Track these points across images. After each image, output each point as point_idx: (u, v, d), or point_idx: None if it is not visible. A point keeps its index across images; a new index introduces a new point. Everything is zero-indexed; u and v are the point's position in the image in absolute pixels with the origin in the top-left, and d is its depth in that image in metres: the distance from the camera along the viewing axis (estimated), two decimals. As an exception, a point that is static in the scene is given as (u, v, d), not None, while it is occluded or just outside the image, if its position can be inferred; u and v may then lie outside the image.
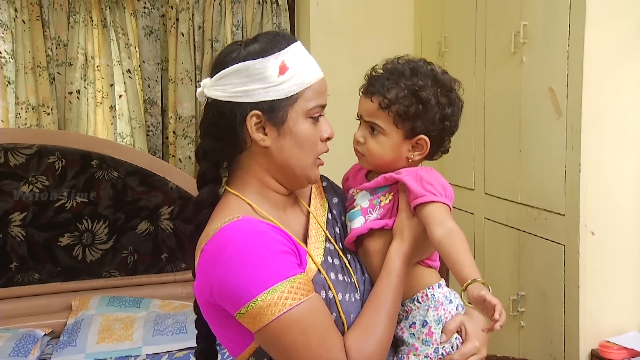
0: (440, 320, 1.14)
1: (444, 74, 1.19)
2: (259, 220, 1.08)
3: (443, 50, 2.92)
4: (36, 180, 2.82)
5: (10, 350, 2.42)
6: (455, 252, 1.05)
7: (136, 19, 3.24)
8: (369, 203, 1.18)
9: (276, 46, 1.10)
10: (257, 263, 1.01)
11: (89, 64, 3.15)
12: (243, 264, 1.01)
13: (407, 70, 1.16)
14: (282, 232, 1.08)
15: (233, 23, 3.26)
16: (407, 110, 1.14)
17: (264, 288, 0.99)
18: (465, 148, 2.75)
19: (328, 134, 1.14)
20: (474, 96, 2.66)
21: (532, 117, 2.27)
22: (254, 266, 1.01)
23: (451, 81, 1.19)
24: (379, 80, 1.17)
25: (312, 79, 1.11)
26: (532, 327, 2.31)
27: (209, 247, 1.05)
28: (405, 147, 1.17)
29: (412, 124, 1.15)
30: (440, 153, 1.23)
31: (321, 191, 1.28)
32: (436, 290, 1.17)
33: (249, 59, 1.09)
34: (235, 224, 1.05)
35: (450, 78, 1.19)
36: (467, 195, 2.76)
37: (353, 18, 3.20)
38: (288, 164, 1.12)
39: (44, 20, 3.04)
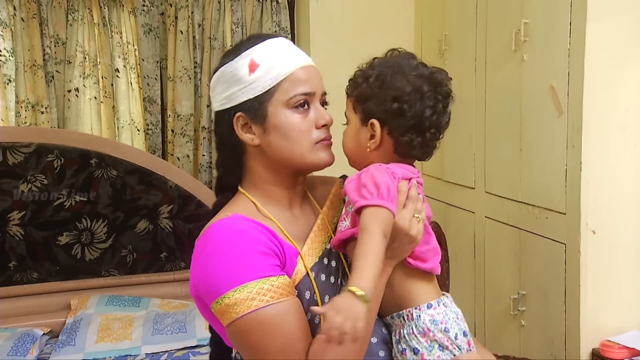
0: (432, 347, 1.03)
1: (422, 66, 1.11)
2: (248, 219, 1.09)
3: (443, 49, 2.91)
4: (35, 179, 2.81)
5: (9, 349, 2.41)
6: (355, 255, 0.98)
7: (135, 17, 3.23)
8: (344, 210, 1.14)
9: (244, 47, 1.14)
10: (231, 260, 1.03)
11: (88, 62, 3.14)
12: (218, 260, 1.04)
13: (377, 59, 1.14)
14: (270, 232, 1.09)
15: (233, 21, 3.25)
16: (360, 92, 1.11)
17: (233, 285, 1.01)
18: (466, 146, 2.74)
19: (324, 121, 1.13)
20: (474, 94, 2.65)
21: (533, 115, 2.26)
22: (228, 263, 1.03)
23: (420, 69, 1.10)
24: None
25: (287, 69, 1.11)
26: (532, 326, 2.30)
27: (198, 242, 1.09)
28: (363, 134, 1.12)
29: (363, 105, 1.11)
30: (414, 149, 1.10)
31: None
32: (423, 311, 1.05)
33: (222, 65, 1.14)
34: (221, 222, 1.08)
35: (417, 65, 1.11)
36: (468, 194, 2.75)
37: (353, 16, 3.19)
38: (282, 157, 1.13)
39: (42, 18, 3.02)
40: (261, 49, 1.12)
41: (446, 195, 2.97)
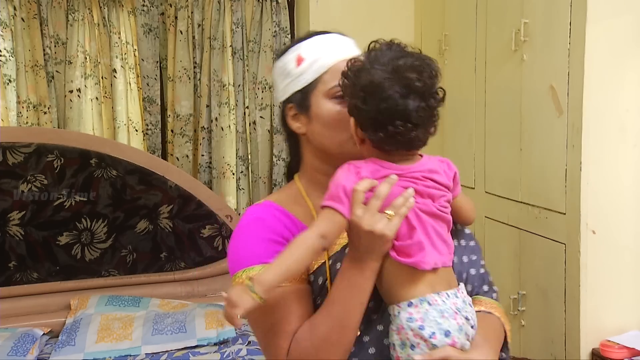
0: (404, 344, 1.02)
1: (396, 55, 1.05)
2: (276, 207, 1.18)
3: (443, 48, 2.91)
4: (35, 179, 2.81)
5: (9, 349, 2.41)
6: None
7: (135, 17, 3.23)
8: None
9: (294, 42, 1.22)
10: (243, 244, 1.14)
11: (89, 62, 3.14)
12: (235, 242, 1.16)
13: (362, 54, 1.13)
14: (293, 221, 1.16)
15: (232, 21, 3.25)
16: (342, 89, 1.11)
17: (242, 266, 1.11)
18: (466, 146, 2.74)
19: None
20: (474, 94, 2.65)
21: (533, 115, 2.26)
22: (240, 246, 1.14)
23: (390, 60, 1.04)
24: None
25: (330, 61, 1.16)
26: (532, 326, 2.30)
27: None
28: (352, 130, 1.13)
29: (346, 102, 1.11)
30: (386, 143, 1.06)
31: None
32: (403, 309, 1.03)
33: (276, 61, 1.25)
34: (251, 207, 1.20)
35: (390, 56, 1.05)
36: (468, 194, 2.74)
37: (353, 15, 3.19)
38: (324, 145, 1.18)
39: (42, 19, 3.02)
40: (308, 44, 1.19)
41: (446, 195, 2.97)
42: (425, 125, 1.06)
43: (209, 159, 3.30)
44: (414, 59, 1.04)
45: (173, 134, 3.28)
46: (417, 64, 1.03)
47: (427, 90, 1.04)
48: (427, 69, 1.04)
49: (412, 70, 1.03)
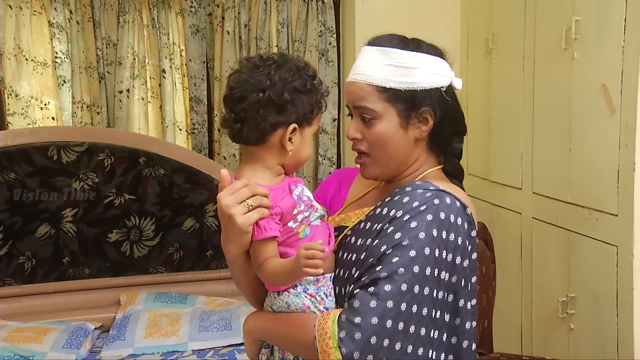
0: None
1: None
2: (349, 171, 1.48)
3: (490, 47, 2.87)
4: (87, 177, 2.89)
5: (64, 342, 2.49)
6: None
7: (183, 18, 3.28)
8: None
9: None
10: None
11: (137, 63, 3.21)
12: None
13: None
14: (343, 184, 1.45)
15: (278, 21, 3.27)
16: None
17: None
18: (513, 146, 2.70)
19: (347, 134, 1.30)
20: (522, 94, 2.61)
21: (583, 114, 2.21)
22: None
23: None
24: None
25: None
26: (582, 330, 2.25)
27: None
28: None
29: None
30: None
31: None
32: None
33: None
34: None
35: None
36: (514, 195, 2.71)
37: (398, 14, 3.17)
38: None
39: (95, 21, 3.11)
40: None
41: (492, 195, 2.93)
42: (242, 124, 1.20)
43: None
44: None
45: (220, 133, 3.32)
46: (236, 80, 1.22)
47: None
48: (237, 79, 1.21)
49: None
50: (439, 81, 1.24)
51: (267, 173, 1.22)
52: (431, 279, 1.12)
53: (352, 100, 1.26)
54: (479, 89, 3.02)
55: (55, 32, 3.08)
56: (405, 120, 1.24)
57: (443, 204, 1.16)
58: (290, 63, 1.21)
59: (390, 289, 1.09)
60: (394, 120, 1.23)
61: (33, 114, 3.09)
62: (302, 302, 1.19)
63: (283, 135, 1.19)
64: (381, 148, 1.25)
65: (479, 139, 3.03)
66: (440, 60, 1.27)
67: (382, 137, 1.24)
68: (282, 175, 1.25)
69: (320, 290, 1.20)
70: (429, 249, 1.12)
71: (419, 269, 1.11)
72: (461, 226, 1.16)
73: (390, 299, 1.09)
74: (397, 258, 1.11)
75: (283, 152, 1.21)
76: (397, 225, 1.15)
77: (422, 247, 1.12)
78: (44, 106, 3.11)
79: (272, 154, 1.21)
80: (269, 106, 1.17)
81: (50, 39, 3.07)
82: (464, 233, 1.17)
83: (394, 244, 1.13)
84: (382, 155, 1.26)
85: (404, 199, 1.18)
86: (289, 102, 1.18)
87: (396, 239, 1.13)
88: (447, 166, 1.32)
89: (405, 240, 1.12)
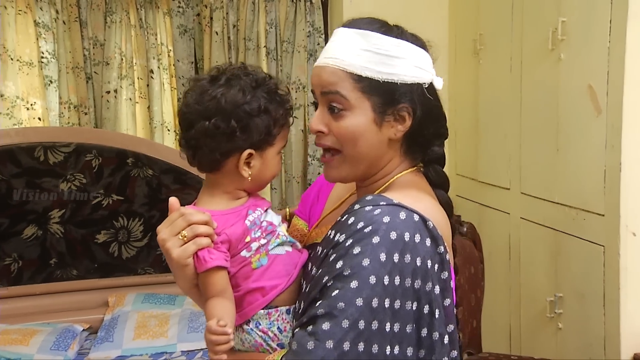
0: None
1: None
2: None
3: (478, 48, 2.88)
4: (74, 177, 2.87)
5: (52, 344, 2.47)
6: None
7: (171, 18, 3.27)
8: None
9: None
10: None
11: (125, 63, 3.19)
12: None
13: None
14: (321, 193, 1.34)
15: (267, 21, 3.27)
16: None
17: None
18: (500, 147, 2.72)
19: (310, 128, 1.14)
20: (509, 94, 2.62)
21: (570, 115, 2.23)
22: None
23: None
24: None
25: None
26: (570, 329, 2.27)
27: None
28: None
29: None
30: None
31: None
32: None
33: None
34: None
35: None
36: (503, 195, 2.72)
37: (386, 15, 3.10)
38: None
39: (82, 21, 3.09)
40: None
41: (480, 195, 2.95)
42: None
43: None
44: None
45: (208, 133, 3.31)
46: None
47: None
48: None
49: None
50: (422, 76, 1.09)
51: (223, 198, 1.13)
52: (381, 311, 0.95)
53: (320, 85, 1.08)
54: (466, 89, 3.03)
55: (41, 32, 3.06)
56: (380, 116, 1.07)
57: (395, 222, 0.98)
58: (243, 81, 1.09)
59: (329, 327, 0.94)
60: (367, 114, 1.06)
61: (19, 114, 3.07)
62: (254, 338, 1.10)
63: (238, 162, 1.09)
64: (349, 145, 1.07)
65: (467, 139, 3.05)
66: (425, 53, 1.12)
67: (352, 133, 1.06)
68: (243, 198, 1.15)
69: (273, 325, 1.10)
70: (375, 277, 0.95)
71: (364, 301, 0.94)
72: (420, 244, 0.98)
73: (330, 339, 0.93)
74: (337, 291, 0.95)
75: (241, 177, 1.11)
76: (339, 252, 0.99)
77: (367, 276, 0.95)
78: (30, 106, 3.09)
79: (229, 180, 1.12)
80: (217, 135, 1.06)
81: (36, 39, 3.05)
82: (424, 252, 0.99)
83: (334, 275, 0.97)
84: (351, 153, 1.08)
85: (349, 220, 1.01)
86: (239, 129, 1.07)
87: (337, 269, 0.97)
88: (430, 174, 1.16)
89: (347, 270, 0.96)
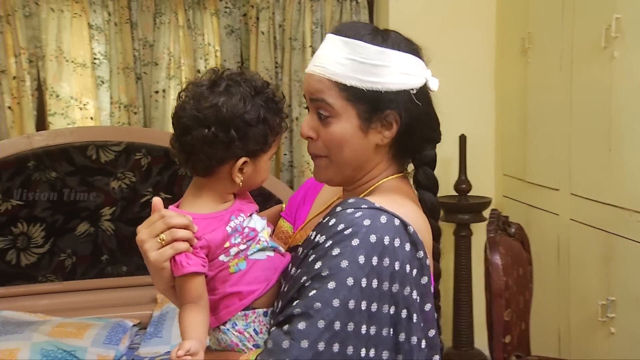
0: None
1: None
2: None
3: (527, 47, 2.84)
4: (124, 176, 2.93)
5: (104, 338, 2.54)
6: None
7: (218, 19, 3.32)
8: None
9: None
10: None
11: (173, 63, 3.25)
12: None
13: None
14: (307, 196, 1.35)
15: (312, 21, 3.28)
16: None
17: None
18: (550, 147, 2.67)
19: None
20: (559, 94, 2.57)
21: (624, 114, 2.18)
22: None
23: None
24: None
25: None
26: (623, 334, 2.22)
27: None
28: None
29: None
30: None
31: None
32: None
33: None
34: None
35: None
36: (552, 196, 2.68)
37: (433, 14, 3.15)
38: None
39: (132, 23, 3.16)
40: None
41: (528, 196, 2.91)
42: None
43: (290, 158, 3.35)
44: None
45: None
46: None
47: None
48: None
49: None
50: (409, 82, 1.09)
51: (209, 200, 1.13)
52: (357, 313, 0.96)
53: (309, 91, 1.11)
54: (514, 89, 2.99)
55: (94, 34, 3.14)
56: (366, 124, 1.08)
57: (375, 225, 0.99)
58: (243, 88, 1.08)
59: (304, 327, 0.95)
60: (352, 121, 1.08)
61: (73, 114, 3.16)
62: (230, 339, 1.10)
63: (232, 169, 1.10)
64: (336, 150, 1.10)
65: (514, 139, 3.00)
66: (414, 58, 1.11)
67: (338, 139, 1.09)
68: (229, 202, 1.14)
69: (250, 326, 1.10)
70: (352, 279, 0.97)
71: (340, 302, 0.96)
72: (399, 248, 1.00)
73: (305, 339, 0.95)
74: (315, 291, 0.97)
75: (232, 182, 1.11)
76: (318, 252, 1.01)
77: (345, 277, 0.97)
78: (83, 106, 3.18)
79: (220, 184, 1.12)
80: (215, 144, 1.06)
81: (90, 41, 3.13)
82: (403, 256, 1.00)
83: (312, 275, 0.99)
84: (337, 158, 1.11)
85: (330, 222, 1.03)
86: (237, 139, 1.07)
87: (315, 269, 0.99)
88: (419, 176, 1.17)
89: (325, 271, 0.98)
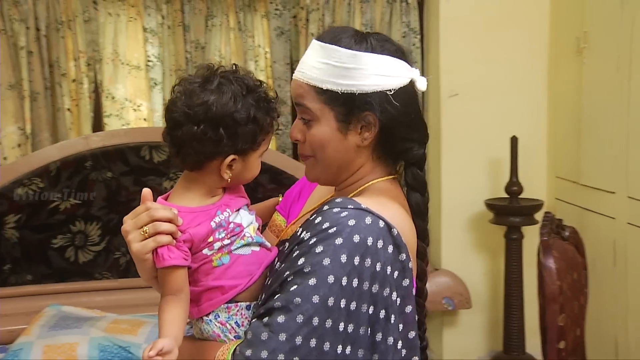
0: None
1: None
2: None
3: (582, 47, 2.77)
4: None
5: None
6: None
7: (268, 21, 3.35)
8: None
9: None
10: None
11: (224, 65, 3.29)
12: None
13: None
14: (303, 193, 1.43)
15: (362, 22, 3.28)
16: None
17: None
18: (605, 149, 2.60)
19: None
20: (616, 94, 2.51)
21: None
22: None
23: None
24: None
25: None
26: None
27: None
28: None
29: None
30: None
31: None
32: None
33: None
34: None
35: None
36: (607, 199, 2.61)
37: (484, 13, 3.11)
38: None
39: (185, 25, 3.23)
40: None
41: (582, 199, 2.84)
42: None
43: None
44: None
45: (303, 133, 3.36)
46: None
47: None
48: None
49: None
50: (385, 83, 1.11)
51: (198, 193, 1.15)
52: (336, 311, 0.99)
53: (293, 96, 1.18)
54: (568, 89, 2.92)
55: (148, 37, 3.21)
56: (344, 125, 1.13)
57: (359, 226, 1.02)
58: (234, 86, 1.12)
59: (283, 320, 0.99)
60: (331, 124, 1.14)
61: (127, 115, 3.24)
62: (212, 329, 1.12)
63: (221, 165, 1.12)
64: (319, 151, 1.16)
65: (568, 141, 2.94)
66: (393, 59, 1.14)
67: (319, 141, 1.15)
68: (218, 196, 1.17)
69: (232, 319, 1.12)
70: (333, 277, 1.00)
71: (320, 299, 0.99)
72: (382, 250, 1.03)
73: (284, 332, 0.98)
74: (296, 286, 1.00)
75: (221, 178, 1.14)
76: (302, 249, 1.04)
77: (326, 275, 1.00)
78: (137, 108, 3.26)
79: (209, 179, 1.15)
80: (203, 141, 1.09)
81: (144, 43, 3.21)
82: (385, 257, 1.03)
83: (295, 270, 1.02)
84: (321, 158, 1.17)
85: (316, 220, 1.07)
86: (226, 137, 1.10)
87: (298, 265, 1.02)
88: (407, 177, 1.20)
89: (307, 267, 1.01)
